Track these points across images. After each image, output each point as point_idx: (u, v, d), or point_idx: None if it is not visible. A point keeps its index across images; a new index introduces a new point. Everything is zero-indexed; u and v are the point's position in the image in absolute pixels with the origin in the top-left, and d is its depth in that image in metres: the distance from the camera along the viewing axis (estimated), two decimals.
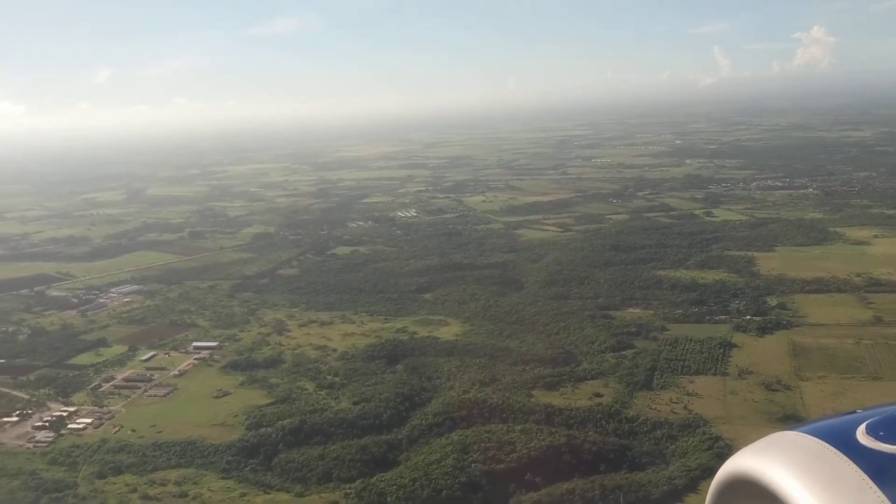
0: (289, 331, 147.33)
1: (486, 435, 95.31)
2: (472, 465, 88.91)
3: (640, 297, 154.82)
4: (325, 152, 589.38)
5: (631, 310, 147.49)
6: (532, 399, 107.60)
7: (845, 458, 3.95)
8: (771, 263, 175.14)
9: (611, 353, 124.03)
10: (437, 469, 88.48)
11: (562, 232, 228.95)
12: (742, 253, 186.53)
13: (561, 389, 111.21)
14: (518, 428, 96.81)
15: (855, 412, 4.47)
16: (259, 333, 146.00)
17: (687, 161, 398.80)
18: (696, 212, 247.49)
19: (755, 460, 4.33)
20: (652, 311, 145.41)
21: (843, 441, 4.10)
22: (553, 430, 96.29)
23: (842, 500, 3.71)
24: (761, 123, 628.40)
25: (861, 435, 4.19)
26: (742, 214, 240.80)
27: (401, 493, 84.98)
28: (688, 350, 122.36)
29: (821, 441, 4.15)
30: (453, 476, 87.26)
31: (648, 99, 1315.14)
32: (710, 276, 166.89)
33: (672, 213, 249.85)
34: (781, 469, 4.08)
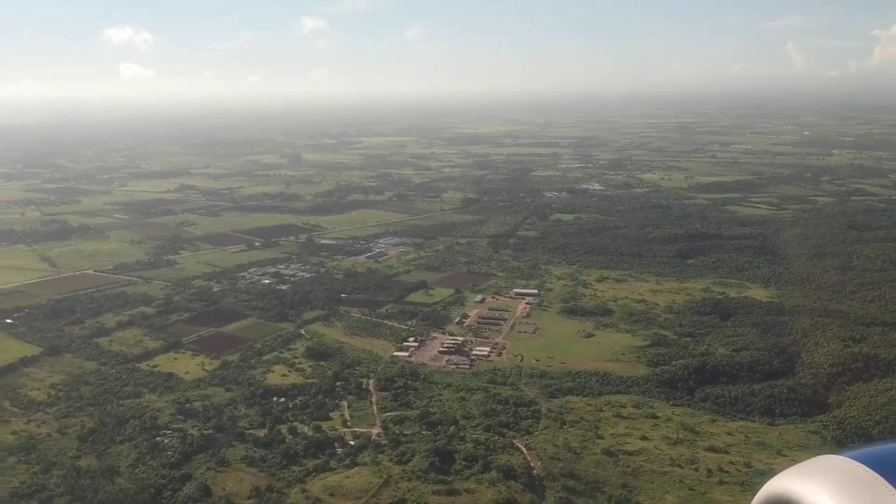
0: (590, 285, 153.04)
1: None
2: None
3: None
4: (443, 129, 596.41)
5: None
6: None
7: (891, 487, 3.82)
8: None
9: None
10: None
11: (777, 210, 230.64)
12: None
13: None
14: None
15: None
16: (564, 285, 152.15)
17: (834, 151, 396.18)
18: None
19: (797, 483, 4.19)
20: None
21: (889, 468, 3.96)
22: None
23: None
24: (880, 118, 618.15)
25: None
26: None
27: (877, 428, 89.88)
28: None
29: (866, 467, 3.99)
30: None
31: (725, 90, 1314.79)
32: None
33: (878, 197, 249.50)
34: (824, 494, 3.95)
